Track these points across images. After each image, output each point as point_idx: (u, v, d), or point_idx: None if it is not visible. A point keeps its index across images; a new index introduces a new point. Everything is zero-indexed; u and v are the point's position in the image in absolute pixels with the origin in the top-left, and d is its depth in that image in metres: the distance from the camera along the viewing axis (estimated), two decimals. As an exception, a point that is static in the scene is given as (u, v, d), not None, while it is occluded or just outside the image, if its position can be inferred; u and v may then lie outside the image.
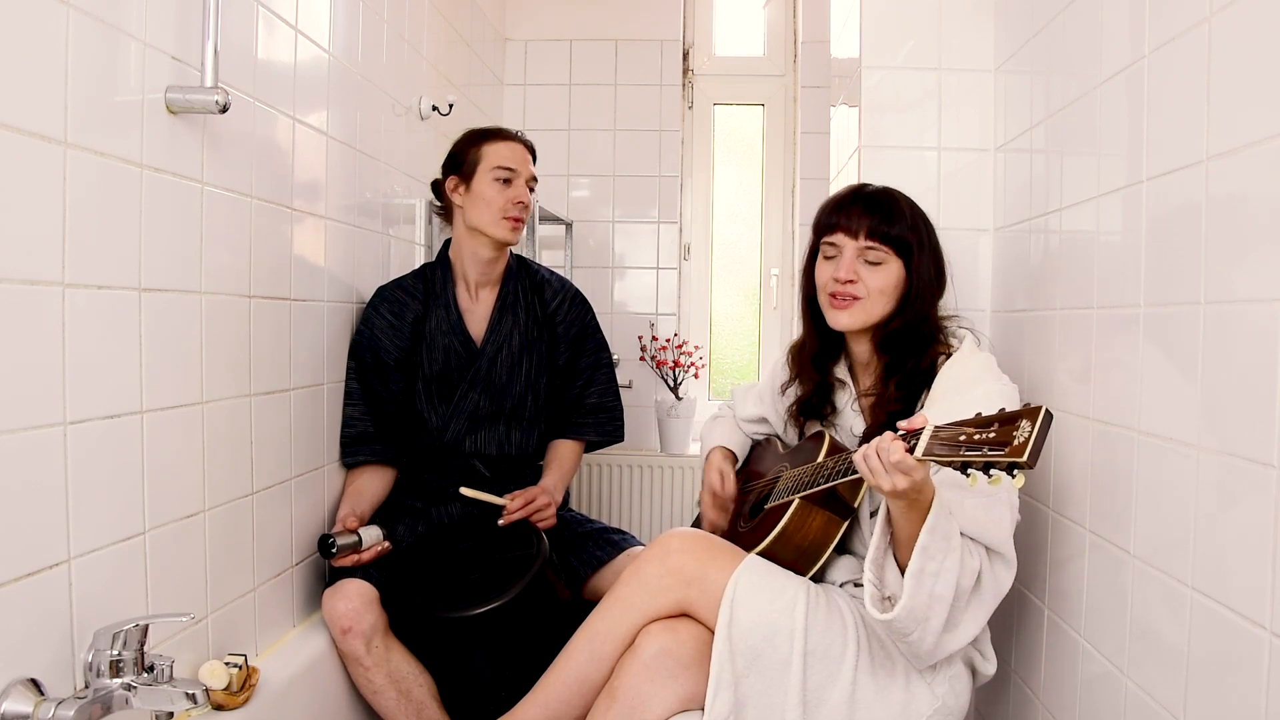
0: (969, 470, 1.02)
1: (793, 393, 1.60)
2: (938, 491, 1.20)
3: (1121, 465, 1.22)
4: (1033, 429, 0.97)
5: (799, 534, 1.39)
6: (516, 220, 1.88)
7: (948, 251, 1.48)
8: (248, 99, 1.45)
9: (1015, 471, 0.97)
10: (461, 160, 1.90)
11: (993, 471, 0.99)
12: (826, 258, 1.44)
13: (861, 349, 1.49)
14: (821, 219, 1.46)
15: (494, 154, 1.88)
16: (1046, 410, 0.98)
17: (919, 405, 1.38)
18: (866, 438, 1.18)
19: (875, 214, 1.40)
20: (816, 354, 1.54)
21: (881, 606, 1.22)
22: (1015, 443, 0.97)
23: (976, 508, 1.27)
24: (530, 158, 1.94)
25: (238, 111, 1.39)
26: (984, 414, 1.06)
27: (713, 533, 1.64)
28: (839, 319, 1.43)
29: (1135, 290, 1.18)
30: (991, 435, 1.01)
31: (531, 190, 1.93)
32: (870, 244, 1.39)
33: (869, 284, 1.39)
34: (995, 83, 1.78)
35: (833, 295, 1.42)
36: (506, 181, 1.87)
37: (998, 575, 1.28)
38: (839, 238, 1.41)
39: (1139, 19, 1.18)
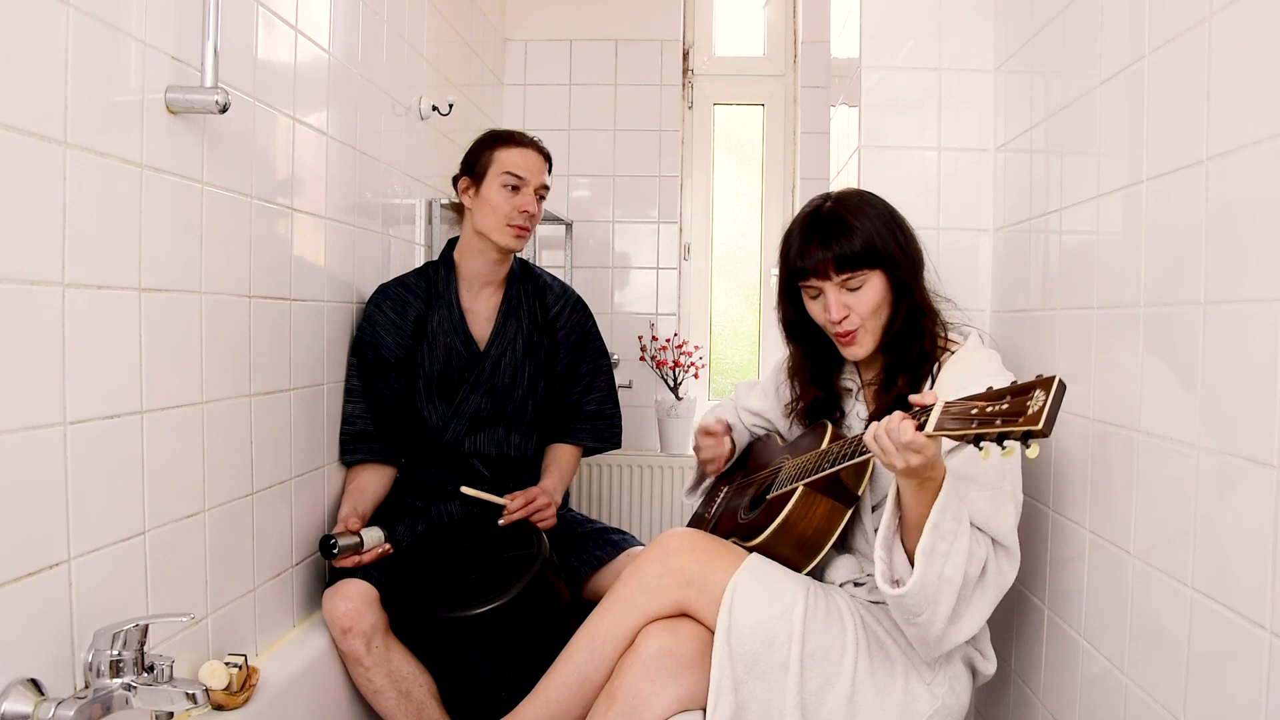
0: (982, 443, 1.01)
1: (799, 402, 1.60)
2: (947, 476, 1.20)
3: (1121, 465, 1.22)
4: (1047, 398, 0.96)
5: (802, 522, 1.39)
6: (521, 229, 1.88)
7: (948, 252, 1.47)
8: (248, 99, 1.45)
9: (1030, 440, 0.96)
10: (474, 162, 1.90)
11: (1006, 442, 0.98)
12: (811, 298, 1.44)
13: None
14: (791, 262, 1.44)
15: (505, 159, 1.87)
16: (1060, 380, 0.98)
17: (923, 390, 1.39)
18: (874, 420, 1.19)
19: (834, 244, 1.38)
20: (815, 373, 1.55)
21: (892, 586, 1.23)
22: (1030, 411, 0.96)
23: (982, 500, 1.27)
24: (545, 166, 1.93)
25: (237, 111, 1.39)
26: (994, 387, 1.06)
27: (711, 472, 1.73)
28: (854, 353, 1.43)
29: (1135, 290, 1.18)
30: (1004, 407, 1.00)
31: (542, 198, 1.93)
32: (844, 276, 1.38)
33: (861, 309, 1.39)
34: (995, 83, 1.78)
35: (837, 335, 1.43)
36: (515, 189, 1.87)
37: (1001, 567, 1.29)
38: (814, 282, 1.41)
39: (1139, 19, 1.18)
